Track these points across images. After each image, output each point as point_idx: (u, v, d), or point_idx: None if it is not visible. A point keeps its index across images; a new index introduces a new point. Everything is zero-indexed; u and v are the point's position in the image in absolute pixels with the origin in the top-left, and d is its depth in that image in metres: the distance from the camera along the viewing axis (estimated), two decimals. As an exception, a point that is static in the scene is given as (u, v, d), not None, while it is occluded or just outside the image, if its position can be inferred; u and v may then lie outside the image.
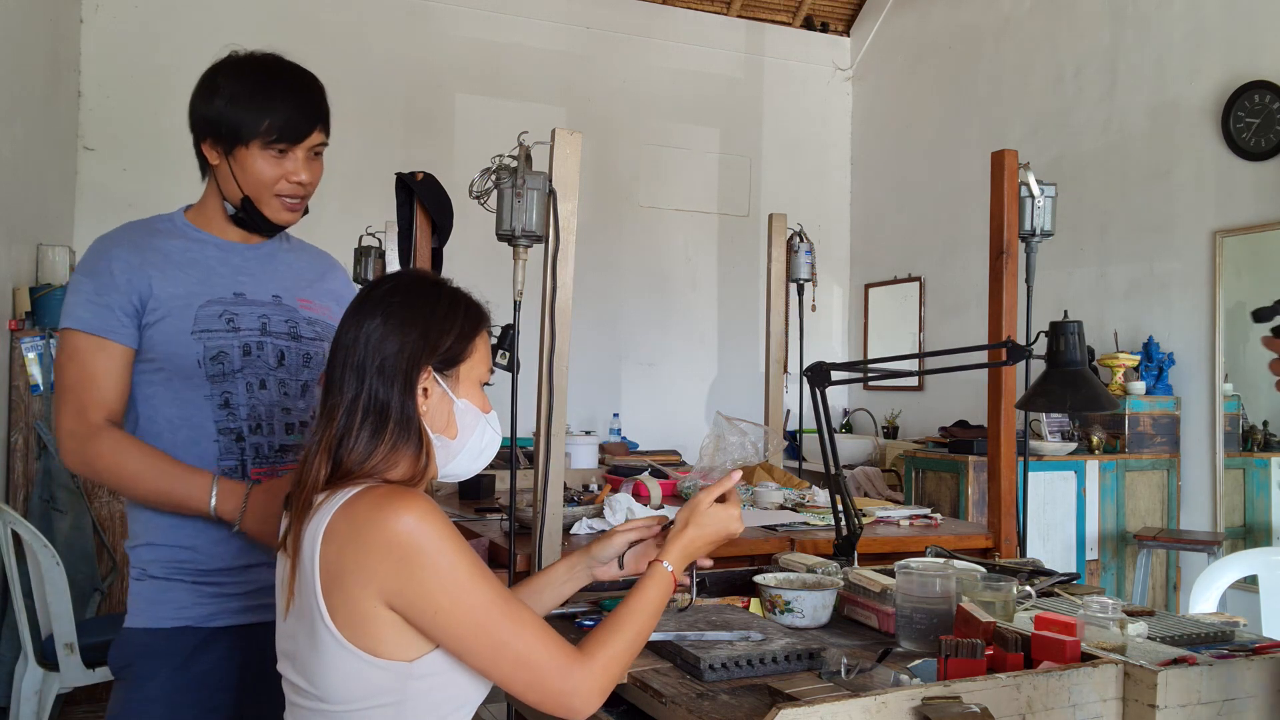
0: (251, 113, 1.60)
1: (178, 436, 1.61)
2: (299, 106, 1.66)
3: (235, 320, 1.65)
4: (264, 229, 1.70)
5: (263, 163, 1.62)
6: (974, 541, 2.62)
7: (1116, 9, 4.83)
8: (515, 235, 2.28)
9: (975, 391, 4.46)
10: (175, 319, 1.60)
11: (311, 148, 1.69)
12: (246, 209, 1.66)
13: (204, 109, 1.63)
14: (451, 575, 1.17)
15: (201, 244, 1.67)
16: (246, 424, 1.64)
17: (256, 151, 1.61)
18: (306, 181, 1.68)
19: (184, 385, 1.61)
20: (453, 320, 1.32)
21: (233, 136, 1.61)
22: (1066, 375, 1.90)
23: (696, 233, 6.40)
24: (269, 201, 1.66)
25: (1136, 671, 1.32)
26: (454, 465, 1.36)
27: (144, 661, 1.58)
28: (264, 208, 1.66)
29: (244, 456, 1.63)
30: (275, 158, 1.63)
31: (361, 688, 1.18)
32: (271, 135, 1.61)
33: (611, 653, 1.23)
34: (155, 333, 1.59)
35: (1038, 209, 2.60)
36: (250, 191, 1.64)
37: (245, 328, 1.65)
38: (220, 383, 1.62)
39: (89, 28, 4.98)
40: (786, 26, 6.71)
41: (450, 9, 5.78)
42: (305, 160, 1.68)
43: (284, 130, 1.62)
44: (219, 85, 1.62)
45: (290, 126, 1.63)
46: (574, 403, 2.84)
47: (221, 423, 1.62)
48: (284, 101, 1.63)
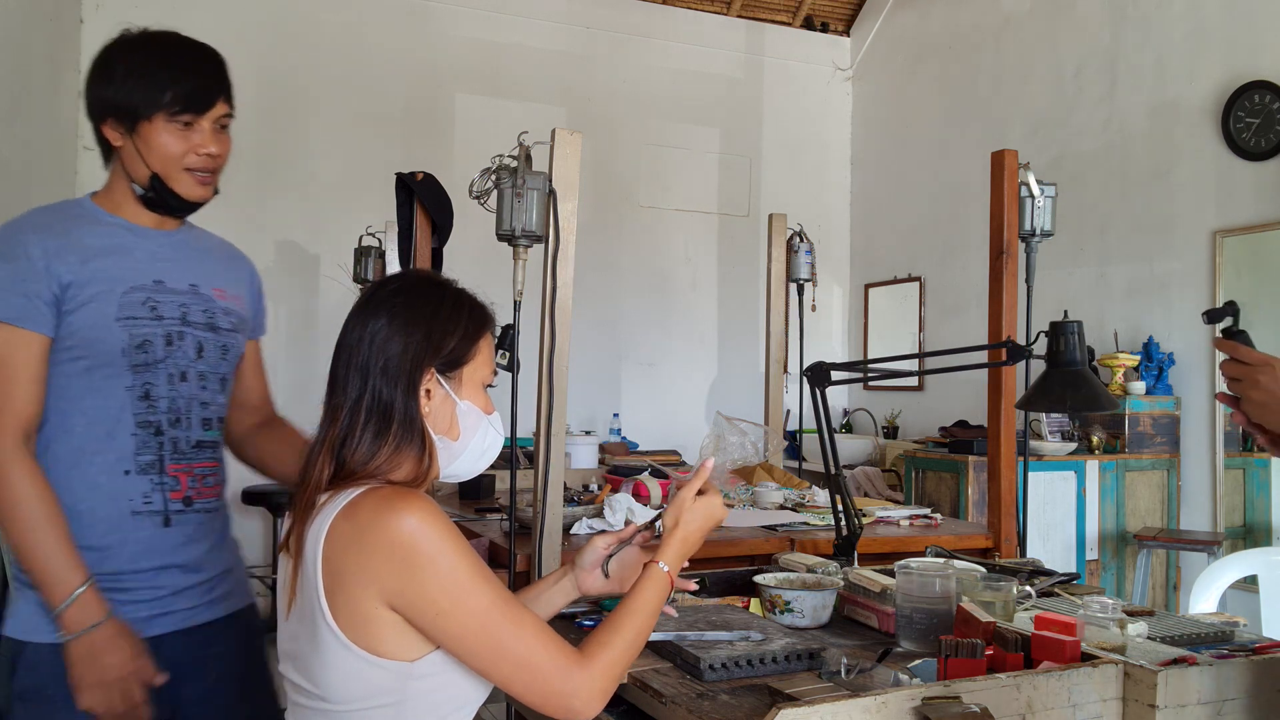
0: (153, 86, 1.53)
1: (93, 431, 1.53)
2: (201, 76, 1.58)
3: (158, 308, 1.58)
4: (177, 208, 1.62)
5: (168, 136, 1.55)
6: (974, 541, 2.62)
7: (1116, 9, 4.83)
8: (515, 235, 2.28)
9: (975, 391, 4.46)
10: (99, 305, 1.52)
11: (217, 119, 1.60)
12: (157, 187, 1.58)
13: (101, 89, 1.56)
14: (452, 577, 1.17)
15: (115, 228, 1.59)
16: (166, 417, 1.58)
17: (161, 125, 1.54)
18: (216, 153, 1.60)
19: (104, 375, 1.53)
20: (457, 322, 1.31)
21: (134, 113, 1.54)
22: (1066, 375, 1.90)
23: (696, 233, 6.40)
24: (179, 177, 1.58)
25: (1136, 671, 1.32)
26: (456, 466, 1.36)
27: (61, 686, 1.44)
28: (175, 184, 1.58)
29: (162, 452, 1.57)
30: (181, 130, 1.56)
31: (363, 687, 1.19)
32: (176, 106, 1.54)
33: (612, 654, 1.23)
34: (77, 319, 1.51)
35: (1038, 209, 2.60)
36: (159, 168, 1.56)
37: (167, 316, 1.59)
38: (142, 373, 1.55)
39: (89, 28, 4.98)
40: (786, 26, 6.71)
41: (450, 9, 5.78)
42: (212, 132, 1.59)
43: (188, 100, 1.55)
44: (115, 64, 1.56)
45: (194, 96, 1.56)
46: (574, 403, 2.84)
47: (141, 415, 1.55)
48: (185, 72, 1.56)
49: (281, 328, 5.36)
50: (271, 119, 5.35)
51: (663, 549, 1.37)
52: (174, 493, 1.58)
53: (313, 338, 5.24)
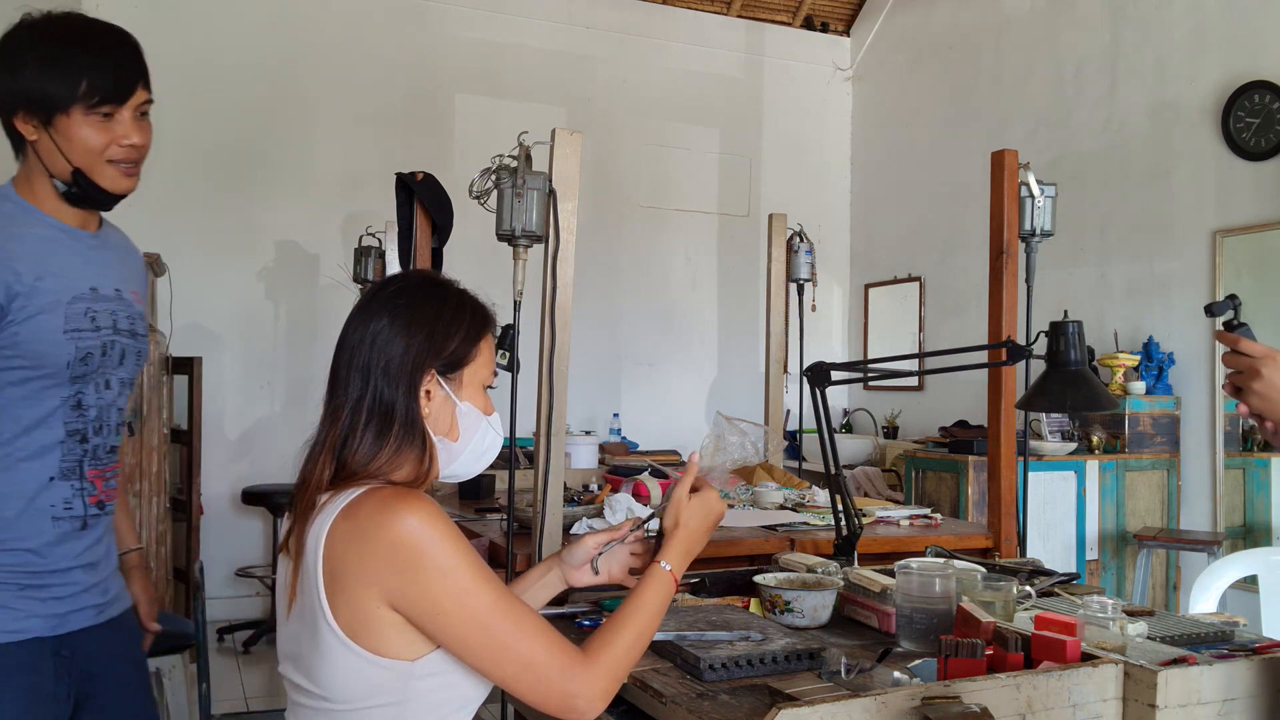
0: (67, 76, 1.44)
1: (25, 440, 1.49)
2: (118, 63, 1.49)
3: (96, 318, 1.53)
4: (102, 202, 1.55)
5: (88, 129, 1.47)
6: (974, 541, 2.62)
7: (1116, 9, 4.83)
8: (515, 235, 2.28)
9: (975, 391, 4.45)
10: (48, 317, 1.47)
11: (137, 107, 1.52)
12: (80, 182, 1.50)
13: (9, 81, 1.46)
14: (454, 577, 1.17)
15: (49, 228, 1.52)
16: (92, 425, 1.56)
17: (79, 118, 1.46)
18: (139, 143, 1.52)
19: (43, 386, 1.49)
20: (458, 323, 1.31)
21: (49, 105, 1.45)
22: (1066, 375, 1.90)
23: (696, 233, 6.40)
24: (103, 170, 1.50)
25: (1136, 671, 1.32)
26: (455, 467, 1.36)
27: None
28: (98, 178, 1.50)
29: (84, 458, 1.55)
30: (101, 122, 1.47)
31: (364, 687, 1.19)
32: (94, 98, 1.46)
33: (615, 654, 1.23)
34: (25, 330, 1.45)
35: (1038, 209, 2.60)
36: (80, 162, 1.48)
37: (104, 326, 1.55)
38: (78, 383, 1.52)
39: (89, 28, 4.98)
40: (786, 26, 6.71)
41: (450, 9, 5.78)
42: (133, 120, 1.51)
43: (107, 90, 1.47)
44: (23, 53, 1.46)
45: (113, 86, 1.48)
46: (574, 403, 2.84)
47: (71, 424, 1.53)
48: (101, 60, 1.47)
49: (281, 328, 5.37)
50: (272, 119, 5.35)
51: (665, 549, 1.36)
52: (91, 497, 1.58)
53: (313, 338, 5.24)
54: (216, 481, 5.07)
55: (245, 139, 5.29)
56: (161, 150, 5.88)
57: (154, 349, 3.71)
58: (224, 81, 5.25)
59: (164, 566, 3.76)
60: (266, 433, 5.26)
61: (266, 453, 5.23)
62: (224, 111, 5.25)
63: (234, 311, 5.26)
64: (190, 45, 5.19)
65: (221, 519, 5.13)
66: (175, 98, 5.16)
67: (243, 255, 5.27)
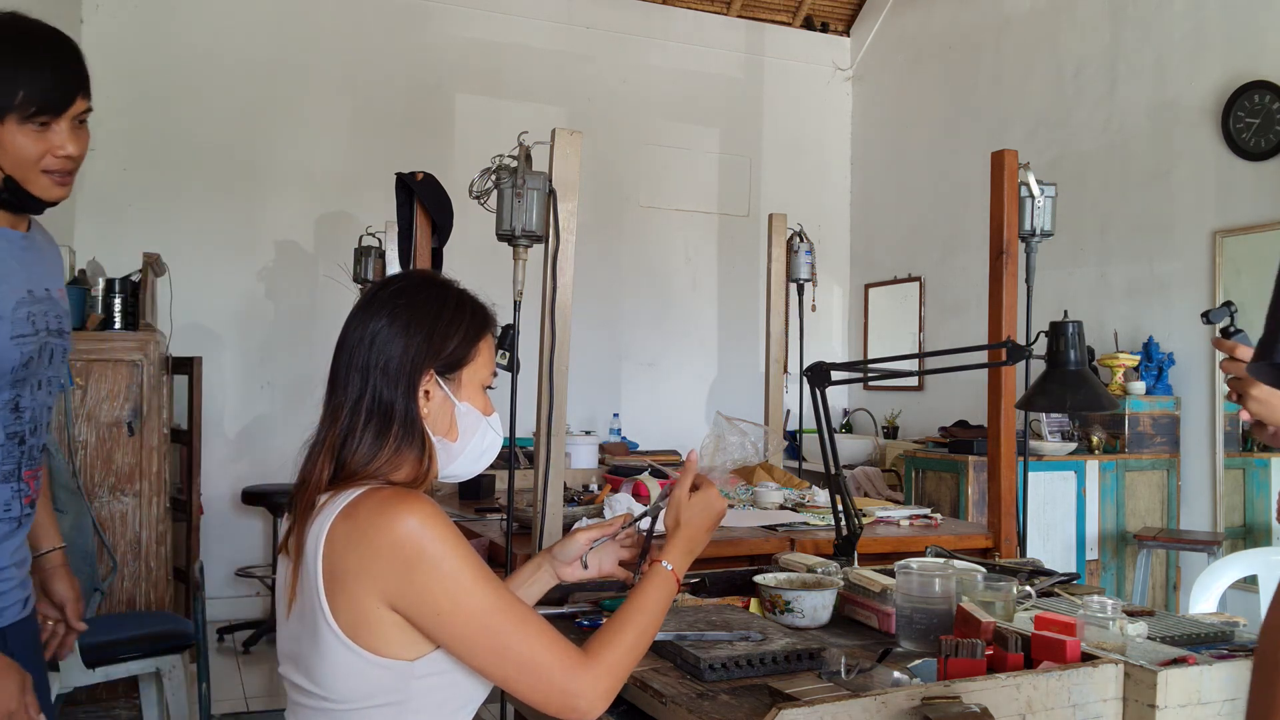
0: (2, 86, 1.40)
1: None
2: (56, 73, 1.45)
3: (35, 320, 1.51)
4: (33, 209, 1.53)
5: (23, 139, 1.43)
6: (974, 541, 2.62)
7: (1116, 9, 4.83)
8: (515, 235, 2.28)
9: (975, 391, 4.46)
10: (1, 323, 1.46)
11: (75, 116, 1.48)
12: (11, 189, 1.47)
13: None
14: (455, 578, 1.17)
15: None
16: (29, 426, 1.55)
17: (14, 128, 1.42)
18: (74, 154, 1.48)
19: None
20: (458, 324, 1.31)
21: None
22: (1066, 375, 1.90)
23: (696, 233, 6.40)
24: (36, 179, 1.47)
25: (1136, 671, 1.32)
26: (454, 467, 1.36)
27: None
28: (31, 187, 1.47)
29: (20, 459, 1.54)
30: (37, 131, 1.43)
31: (365, 686, 1.19)
32: (29, 109, 1.41)
33: (616, 655, 1.22)
34: None
35: (1038, 209, 2.60)
36: (13, 171, 1.45)
37: (40, 328, 1.53)
38: (18, 387, 1.51)
39: (89, 28, 4.98)
40: (786, 26, 6.71)
41: (450, 9, 5.78)
42: (70, 131, 1.47)
43: (44, 101, 1.42)
44: None
45: (51, 96, 1.43)
46: (574, 403, 2.84)
47: (10, 427, 1.51)
48: (38, 69, 1.42)
49: (281, 328, 5.37)
50: (272, 118, 5.35)
51: (667, 549, 1.35)
52: (26, 498, 1.58)
53: (312, 338, 5.24)
54: (216, 481, 5.07)
55: (245, 138, 5.29)
56: (162, 150, 5.90)
57: (154, 349, 3.71)
58: (224, 81, 5.25)
59: (164, 566, 3.76)
60: (266, 433, 5.26)
61: (266, 453, 5.22)
62: (224, 111, 5.25)
63: (234, 311, 5.26)
64: (190, 45, 5.19)
65: (221, 519, 5.13)
66: (175, 97, 5.17)
67: (242, 255, 5.27)
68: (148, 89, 5.05)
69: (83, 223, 4.82)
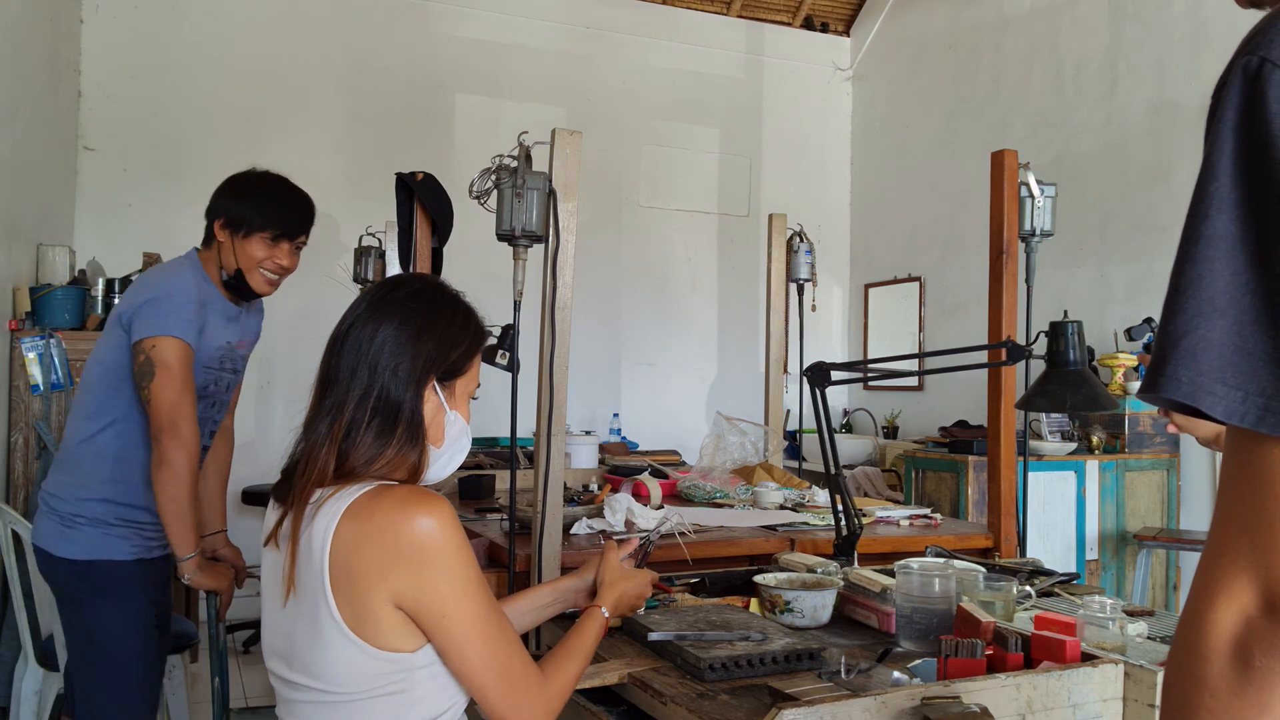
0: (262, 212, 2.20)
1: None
2: (294, 213, 2.26)
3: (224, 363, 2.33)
4: (248, 296, 2.31)
5: (257, 247, 2.22)
6: (974, 541, 2.62)
7: (1116, 9, 4.83)
8: (515, 235, 2.28)
9: (975, 391, 4.45)
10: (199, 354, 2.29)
11: (296, 242, 2.27)
12: (238, 279, 2.24)
13: (227, 201, 2.22)
14: (463, 583, 1.21)
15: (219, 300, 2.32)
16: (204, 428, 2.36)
17: (255, 240, 2.20)
18: (287, 266, 2.28)
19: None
20: (464, 336, 1.36)
21: (242, 225, 2.20)
22: (1066, 375, 1.90)
23: (696, 233, 6.39)
24: (255, 276, 2.24)
25: (1136, 671, 1.32)
26: (432, 471, 1.39)
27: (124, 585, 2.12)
28: (250, 280, 2.25)
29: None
30: (268, 245, 2.22)
31: (367, 678, 1.21)
32: (272, 231, 2.21)
33: (566, 679, 1.32)
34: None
35: (1038, 209, 2.60)
36: (244, 267, 2.23)
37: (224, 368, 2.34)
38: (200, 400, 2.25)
39: (89, 28, 4.98)
40: (786, 26, 6.71)
41: (450, 9, 5.78)
42: (290, 251, 2.26)
43: (281, 229, 2.23)
44: (247, 187, 2.24)
45: (286, 227, 2.23)
46: (574, 403, 2.84)
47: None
48: (286, 209, 2.24)
49: (281, 328, 5.36)
50: (272, 118, 5.35)
51: (604, 597, 1.50)
52: None
53: (312, 338, 5.22)
54: (216, 481, 5.06)
55: (245, 138, 5.29)
56: (162, 150, 5.89)
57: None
58: (224, 81, 5.25)
59: (164, 566, 3.77)
60: (266, 433, 5.26)
61: (266, 453, 5.22)
62: (224, 111, 5.25)
63: (234, 311, 5.25)
64: (190, 45, 5.19)
65: (221, 519, 5.13)
66: (175, 97, 5.17)
67: (243, 255, 5.26)
68: (148, 89, 5.04)
69: (83, 223, 4.82)
